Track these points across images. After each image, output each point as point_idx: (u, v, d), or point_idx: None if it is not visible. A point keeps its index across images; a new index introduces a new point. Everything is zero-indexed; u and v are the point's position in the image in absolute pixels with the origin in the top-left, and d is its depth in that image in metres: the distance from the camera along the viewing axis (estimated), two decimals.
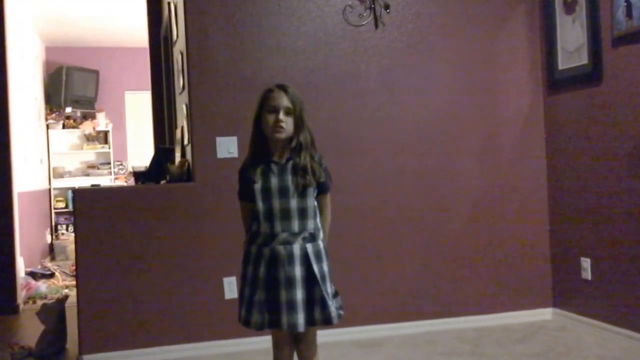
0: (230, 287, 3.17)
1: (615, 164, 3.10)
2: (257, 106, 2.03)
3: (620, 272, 3.11)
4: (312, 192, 2.01)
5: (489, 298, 3.54)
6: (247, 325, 2.01)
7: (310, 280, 1.96)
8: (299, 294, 1.94)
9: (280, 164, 2.01)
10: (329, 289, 2.00)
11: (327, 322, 1.97)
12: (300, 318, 1.93)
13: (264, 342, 2.18)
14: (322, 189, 2.07)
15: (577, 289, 3.41)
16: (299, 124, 2.00)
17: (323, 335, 2.28)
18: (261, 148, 2.04)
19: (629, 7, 2.94)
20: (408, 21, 3.46)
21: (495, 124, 3.58)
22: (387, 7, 3.40)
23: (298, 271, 1.95)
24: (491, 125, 3.58)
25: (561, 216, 3.53)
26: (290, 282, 1.94)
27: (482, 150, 3.57)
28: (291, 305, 1.93)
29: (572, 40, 3.37)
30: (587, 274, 3.32)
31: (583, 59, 3.28)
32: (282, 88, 2.01)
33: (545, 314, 3.60)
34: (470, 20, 3.55)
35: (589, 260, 3.31)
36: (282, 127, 1.97)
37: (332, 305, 1.98)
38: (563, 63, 3.44)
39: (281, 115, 1.96)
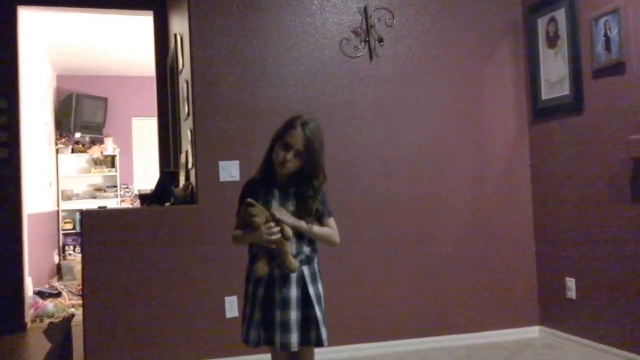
0: (232, 306, 3.14)
1: (597, 189, 3.11)
2: (278, 132, 1.96)
3: (603, 292, 3.09)
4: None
5: (478, 317, 3.51)
6: (247, 343, 1.97)
7: (306, 301, 1.94)
8: (293, 315, 1.91)
9: (282, 190, 1.98)
10: (323, 310, 1.98)
11: (319, 344, 1.94)
12: (294, 338, 1.90)
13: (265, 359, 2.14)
14: (318, 218, 2.01)
15: (563, 308, 3.39)
16: (314, 166, 1.93)
17: (318, 354, 2.24)
18: (271, 169, 1.99)
19: (607, 41, 2.99)
20: (400, 54, 3.50)
21: (482, 150, 3.60)
22: (380, 40, 3.45)
23: (293, 292, 1.93)
24: (479, 152, 3.60)
25: (546, 238, 3.53)
26: (285, 303, 1.92)
27: (471, 175, 3.58)
28: (285, 326, 1.90)
29: (554, 72, 3.40)
30: (572, 294, 3.30)
31: (565, 90, 3.31)
32: (304, 127, 1.91)
33: (532, 332, 3.57)
34: (458, 53, 3.59)
35: (573, 280, 3.30)
36: (287, 166, 1.93)
37: (325, 327, 1.95)
38: (546, 93, 3.48)
39: (289, 156, 1.92)
